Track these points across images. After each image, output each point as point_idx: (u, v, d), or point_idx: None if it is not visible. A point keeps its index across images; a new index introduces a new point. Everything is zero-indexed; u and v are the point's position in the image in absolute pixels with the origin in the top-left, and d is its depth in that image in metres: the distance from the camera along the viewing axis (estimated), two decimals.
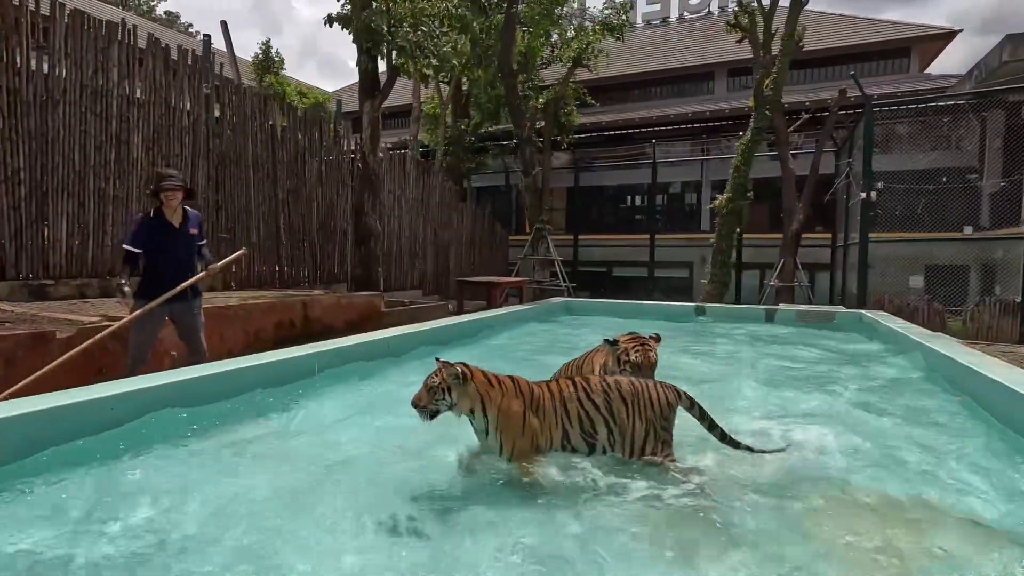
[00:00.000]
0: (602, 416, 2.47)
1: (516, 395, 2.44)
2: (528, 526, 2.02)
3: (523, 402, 2.43)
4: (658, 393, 2.51)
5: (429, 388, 2.35)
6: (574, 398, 2.49)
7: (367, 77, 9.04)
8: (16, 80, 6.02)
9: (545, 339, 6.50)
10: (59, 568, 1.72)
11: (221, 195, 8.40)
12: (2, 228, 6.00)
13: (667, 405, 2.50)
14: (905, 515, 2.17)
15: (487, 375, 2.45)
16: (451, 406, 2.37)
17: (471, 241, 15.89)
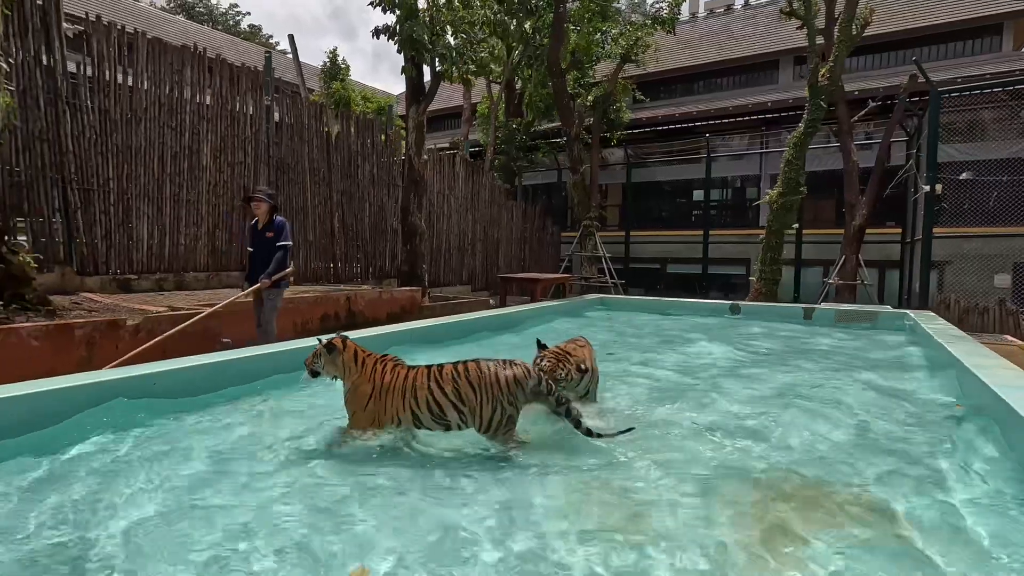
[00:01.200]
0: (450, 401, 2.76)
1: (369, 379, 2.83)
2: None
3: (372, 387, 2.82)
4: (504, 373, 2.75)
5: (314, 353, 2.89)
6: (424, 386, 2.79)
7: (412, 84, 9.56)
8: (106, 101, 6.94)
9: (567, 335, 6.71)
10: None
11: (280, 198, 9.18)
12: (96, 230, 6.96)
13: (513, 382, 2.74)
14: (792, 492, 2.30)
15: (357, 355, 2.88)
16: (322, 369, 2.88)
17: (521, 238, 16.21)
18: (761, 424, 3.29)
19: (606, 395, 3.87)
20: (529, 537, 2.01)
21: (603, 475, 2.55)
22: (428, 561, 1.86)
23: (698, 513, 2.21)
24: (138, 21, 21.17)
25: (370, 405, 2.80)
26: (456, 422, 2.78)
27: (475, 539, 2.00)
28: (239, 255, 8.62)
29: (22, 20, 6.18)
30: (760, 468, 2.65)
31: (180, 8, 41.73)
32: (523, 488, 2.40)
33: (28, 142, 6.31)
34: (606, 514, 2.21)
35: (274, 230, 5.45)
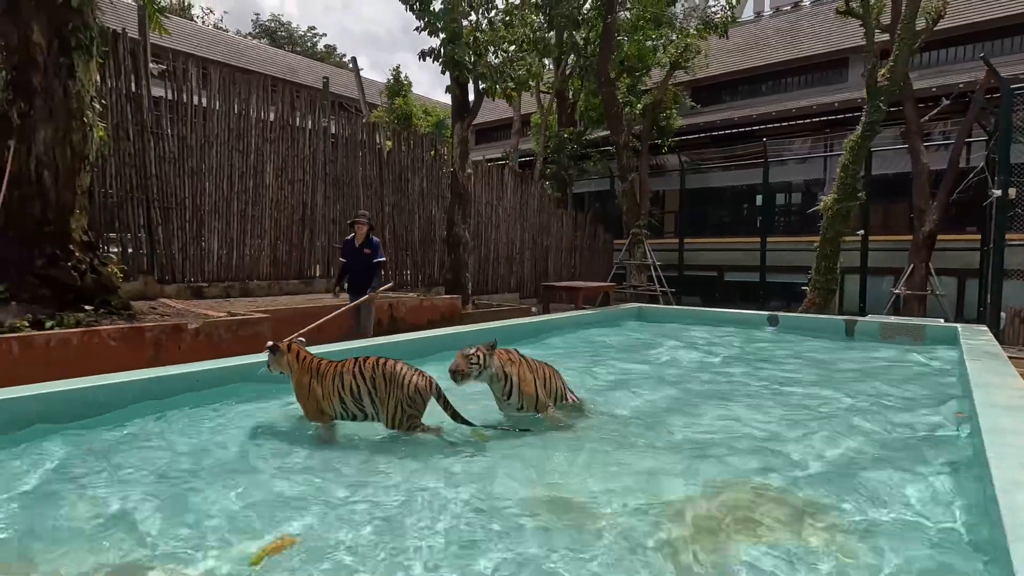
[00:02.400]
0: (367, 388, 3.22)
1: (306, 371, 3.35)
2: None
3: (309, 376, 3.32)
4: (410, 379, 3.20)
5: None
6: (349, 371, 3.25)
7: (457, 102, 10.05)
8: (183, 129, 7.86)
9: (594, 345, 6.88)
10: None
11: (336, 211, 9.92)
12: (174, 243, 7.88)
13: (414, 389, 3.18)
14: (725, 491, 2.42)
15: (299, 355, 3.40)
16: (273, 367, 3.46)
17: (571, 246, 16.39)
18: (721, 444, 3.36)
19: (598, 399, 4.07)
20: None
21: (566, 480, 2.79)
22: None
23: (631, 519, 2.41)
24: (222, 48, 23.22)
25: (311, 392, 3.30)
26: (370, 412, 3.26)
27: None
28: (298, 265, 9.40)
29: (116, 62, 7.16)
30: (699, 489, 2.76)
31: (264, 33, 45.06)
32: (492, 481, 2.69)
33: (119, 168, 7.28)
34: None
35: (371, 247, 6.67)
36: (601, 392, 4.53)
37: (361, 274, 6.63)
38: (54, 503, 2.45)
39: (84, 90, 5.62)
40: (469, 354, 3.30)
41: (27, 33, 5.26)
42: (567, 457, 3.06)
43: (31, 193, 5.30)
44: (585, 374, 5.15)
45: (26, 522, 2.29)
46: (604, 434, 3.50)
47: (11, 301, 5.10)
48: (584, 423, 3.68)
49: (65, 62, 5.43)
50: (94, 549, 2.10)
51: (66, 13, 5.39)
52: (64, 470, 2.78)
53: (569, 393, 3.98)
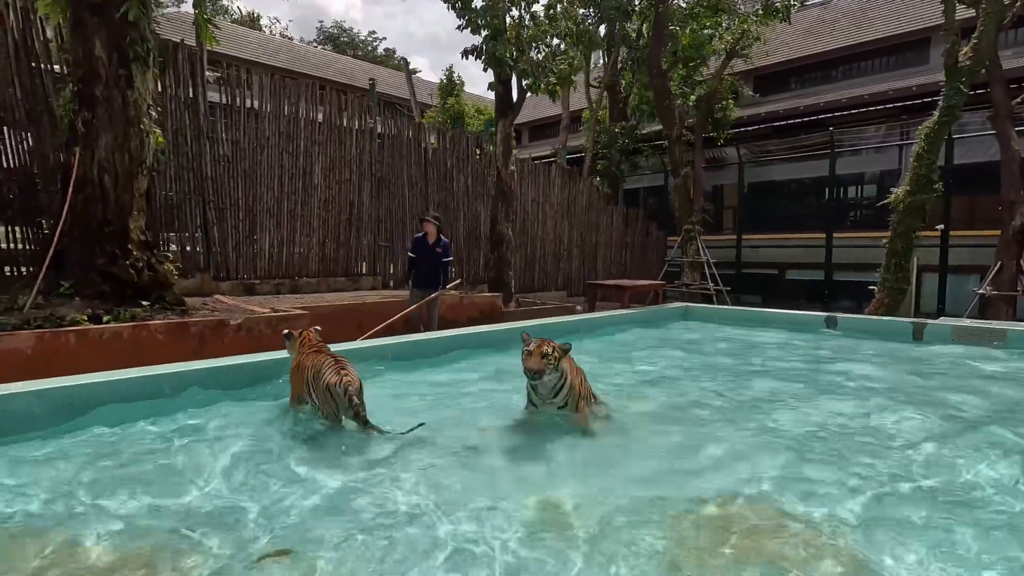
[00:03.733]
0: (311, 383, 3.36)
1: (297, 359, 3.57)
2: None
3: (297, 365, 3.54)
4: (326, 376, 3.26)
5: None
6: (315, 366, 3.35)
7: (499, 99, 10.02)
8: (237, 133, 8.24)
9: (631, 345, 6.66)
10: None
11: (381, 210, 10.13)
12: (228, 242, 8.28)
13: (325, 387, 3.24)
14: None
15: (303, 343, 3.62)
16: (289, 351, 3.73)
17: (622, 243, 16.03)
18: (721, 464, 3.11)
19: (625, 401, 3.90)
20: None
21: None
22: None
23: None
24: (284, 53, 24.29)
25: (293, 377, 3.55)
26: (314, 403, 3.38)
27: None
28: (345, 263, 9.67)
29: (175, 72, 7.59)
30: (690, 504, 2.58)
31: (327, 40, 46.88)
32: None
33: (178, 171, 7.72)
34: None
35: (442, 247, 7.24)
36: (629, 393, 4.36)
37: (430, 271, 7.15)
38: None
39: (141, 99, 5.97)
40: (547, 353, 3.19)
41: (90, 48, 5.65)
42: (581, 460, 2.94)
43: (93, 196, 5.69)
44: (617, 374, 4.98)
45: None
46: (622, 439, 3.35)
47: (75, 296, 5.50)
48: (605, 426, 3.54)
49: (124, 73, 5.79)
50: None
51: (124, 27, 5.74)
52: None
53: (594, 393, 3.87)
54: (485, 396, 4.19)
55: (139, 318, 5.58)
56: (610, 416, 3.75)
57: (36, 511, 2.38)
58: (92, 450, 3.02)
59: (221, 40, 20.29)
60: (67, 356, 4.56)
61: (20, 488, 2.56)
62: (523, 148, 28.15)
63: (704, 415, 3.87)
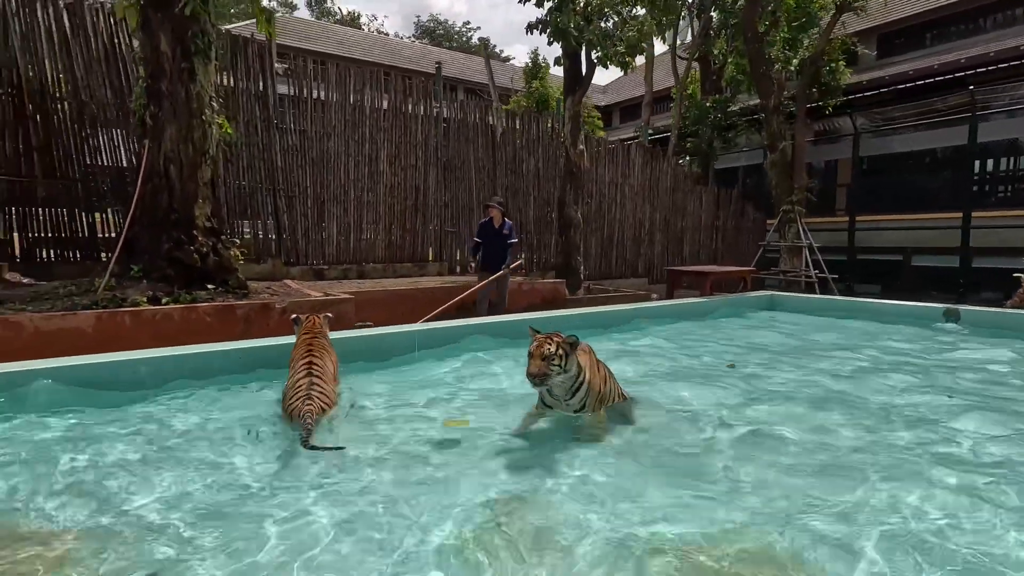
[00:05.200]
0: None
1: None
2: None
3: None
4: (293, 379, 3.18)
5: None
6: (297, 357, 3.34)
7: (567, 74, 9.48)
8: (304, 122, 8.47)
9: (698, 338, 5.97)
10: None
11: (448, 195, 10.04)
12: (298, 229, 8.58)
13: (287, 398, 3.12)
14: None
15: (305, 331, 3.59)
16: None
17: (711, 226, 14.83)
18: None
19: (668, 405, 3.38)
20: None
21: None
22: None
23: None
24: (374, 47, 25.13)
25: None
26: None
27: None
28: (411, 249, 9.70)
29: (246, 65, 7.91)
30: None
31: (424, 33, 48.19)
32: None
33: (250, 161, 8.07)
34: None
35: (507, 229, 7.40)
36: (671, 394, 3.81)
37: (495, 254, 7.30)
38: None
39: (204, 91, 6.22)
40: (549, 353, 2.71)
41: (156, 44, 5.95)
42: (580, 480, 2.52)
43: (160, 186, 6.03)
44: (668, 372, 4.42)
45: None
46: (644, 452, 2.85)
47: (143, 279, 5.88)
48: (627, 436, 3.04)
49: (186, 67, 6.05)
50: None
51: (186, 22, 5.99)
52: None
53: (622, 391, 3.40)
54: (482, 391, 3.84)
55: (201, 300, 5.85)
56: (640, 422, 3.25)
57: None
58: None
59: (293, 34, 21.46)
60: (122, 335, 4.83)
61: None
62: (613, 130, 27.10)
63: (755, 427, 3.24)
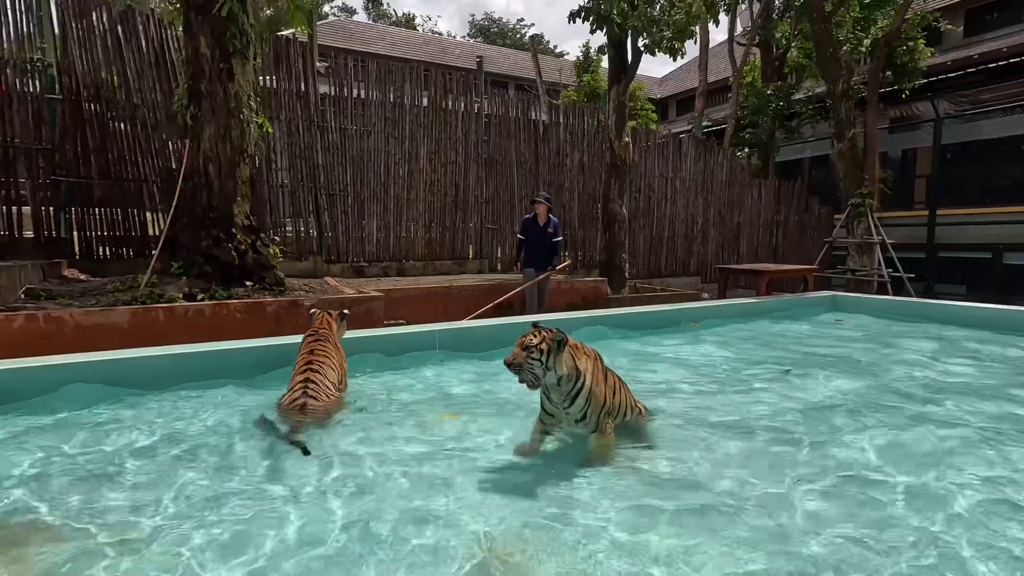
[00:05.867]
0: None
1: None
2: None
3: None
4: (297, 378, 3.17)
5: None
6: (300, 356, 3.33)
7: (612, 63, 9.09)
8: (344, 120, 8.52)
9: (737, 347, 5.50)
10: None
11: (488, 191, 9.86)
12: (338, 227, 8.64)
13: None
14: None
15: (313, 325, 3.59)
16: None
17: (771, 222, 13.94)
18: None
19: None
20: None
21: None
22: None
23: None
24: (423, 45, 25.34)
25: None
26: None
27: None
28: (451, 246, 9.60)
29: (288, 65, 8.02)
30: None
31: (479, 32, 48.41)
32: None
33: (292, 160, 8.19)
34: None
35: (552, 227, 7.13)
36: (706, 404, 3.45)
37: (540, 251, 7.05)
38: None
39: (242, 90, 6.31)
40: (531, 344, 2.47)
41: (196, 46, 6.08)
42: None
43: (200, 184, 6.16)
44: (709, 380, 4.04)
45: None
46: (659, 488, 2.53)
47: (183, 276, 6.02)
48: (638, 460, 2.73)
49: (225, 67, 6.15)
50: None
51: (224, 23, 6.08)
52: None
53: (637, 403, 3.08)
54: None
55: (237, 297, 5.94)
56: (656, 439, 2.93)
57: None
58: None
59: (335, 34, 21.88)
60: (156, 330, 4.93)
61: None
62: (669, 123, 26.18)
63: (800, 452, 2.85)
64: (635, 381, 3.50)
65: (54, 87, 6.74)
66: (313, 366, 3.15)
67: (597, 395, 2.64)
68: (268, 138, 7.79)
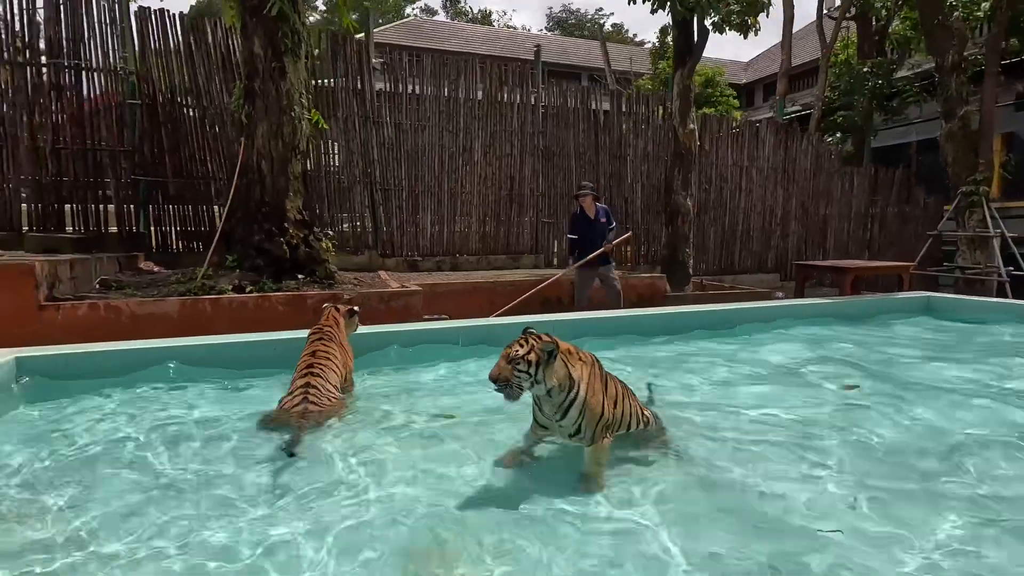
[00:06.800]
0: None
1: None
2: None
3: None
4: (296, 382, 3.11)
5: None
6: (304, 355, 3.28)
7: (677, 45, 8.50)
8: (399, 115, 8.57)
9: (813, 355, 4.89)
10: None
11: (545, 184, 9.59)
12: (393, 222, 8.73)
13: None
14: None
15: (324, 319, 3.56)
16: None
17: (866, 213, 12.59)
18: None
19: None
20: None
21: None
22: None
23: None
24: (495, 40, 25.31)
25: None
26: None
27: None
28: (505, 240, 9.44)
29: (344, 63, 8.18)
30: None
31: (556, 24, 47.90)
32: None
33: (348, 156, 8.36)
34: None
35: (604, 216, 6.74)
36: (749, 425, 3.05)
37: (597, 244, 6.56)
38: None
39: (293, 88, 6.48)
40: (518, 356, 2.18)
41: (251, 46, 6.30)
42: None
43: (253, 180, 6.40)
44: (759, 391, 3.61)
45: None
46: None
47: (237, 269, 6.28)
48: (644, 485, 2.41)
49: (277, 65, 6.33)
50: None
51: (276, 22, 6.26)
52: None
53: (644, 411, 2.76)
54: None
55: (288, 289, 6.11)
56: (671, 455, 2.59)
57: None
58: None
59: (410, 34, 22.20)
60: (202, 321, 5.15)
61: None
62: (755, 110, 24.53)
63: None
64: (661, 390, 3.15)
65: (134, 93, 7.25)
66: (314, 369, 3.08)
67: (593, 406, 2.34)
68: (325, 134, 7.99)
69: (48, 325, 4.76)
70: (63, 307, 4.85)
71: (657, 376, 3.84)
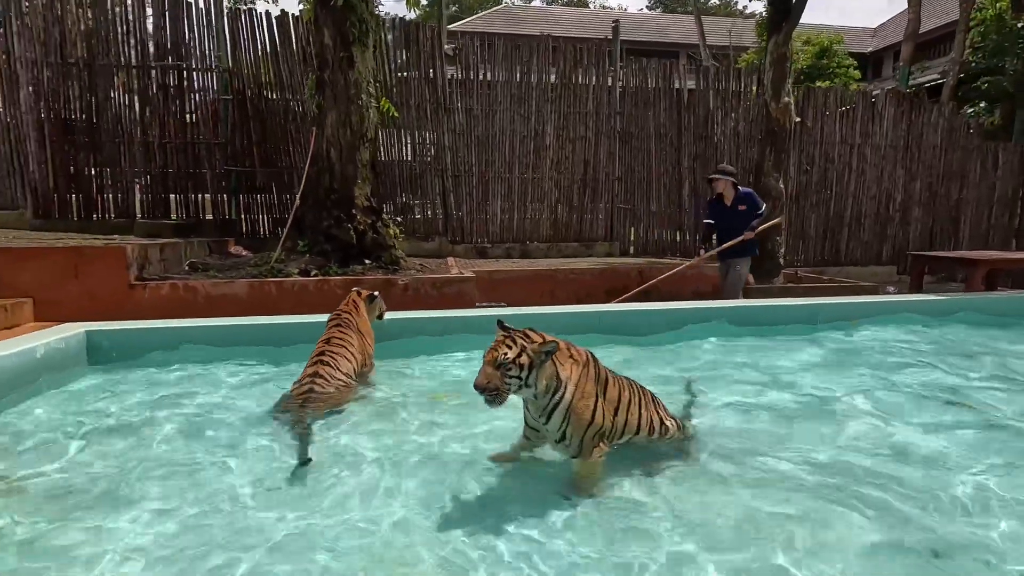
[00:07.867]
0: None
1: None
2: None
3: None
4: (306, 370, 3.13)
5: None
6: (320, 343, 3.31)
7: (771, 8, 7.64)
8: (470, 101, 8.52)
9: (920, 362, 4.17)
10: None
11: (621, 168, 9.11)
12: (463, 208, 8.73)
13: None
14: None
15: (346, 304, 3.62)
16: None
17: (1012, 198, 10.71)
18: None
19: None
20: None
21: None
22: None
23: None
24: (591, 23, 24.55)
25: None
26: None
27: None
28: (578, 228, 9.12)
29: (418, 51, 8.24)
30: None
31: (657, 3, 45.63)
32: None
33: (420, 144, 8.45)
34: None
35: (747, 203, 6.10)
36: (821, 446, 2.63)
37: (734, 231, 6.05)
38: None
39: (361, 77, 6.62)
40: (507, 360, 1.97)
41: (321, 38, 6.51)
42: None
43: (323, 168, 6.63)
44: (839, 406, 3.13)
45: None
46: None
47: (307, 254, 6.57)
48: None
49: (345, 55, 6.49)
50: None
51: (344, 12, 6.41)
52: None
53: (669, 420, 2.44)
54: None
55: (355, 274, 6.30)
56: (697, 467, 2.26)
57: None
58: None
59: (502, 21, 22.01)
60: (267, 302, 5.43)
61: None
62: (882, 81, 21.84)
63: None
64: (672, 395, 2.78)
65: (227, 89, 7.81)
66: (325, 357, 3.08)
67: (580, 412, 2.07)
68: (396, 122, 8.12)
69: (136, 303, 5.25)
70: (149, 287, 5.32)
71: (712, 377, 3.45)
